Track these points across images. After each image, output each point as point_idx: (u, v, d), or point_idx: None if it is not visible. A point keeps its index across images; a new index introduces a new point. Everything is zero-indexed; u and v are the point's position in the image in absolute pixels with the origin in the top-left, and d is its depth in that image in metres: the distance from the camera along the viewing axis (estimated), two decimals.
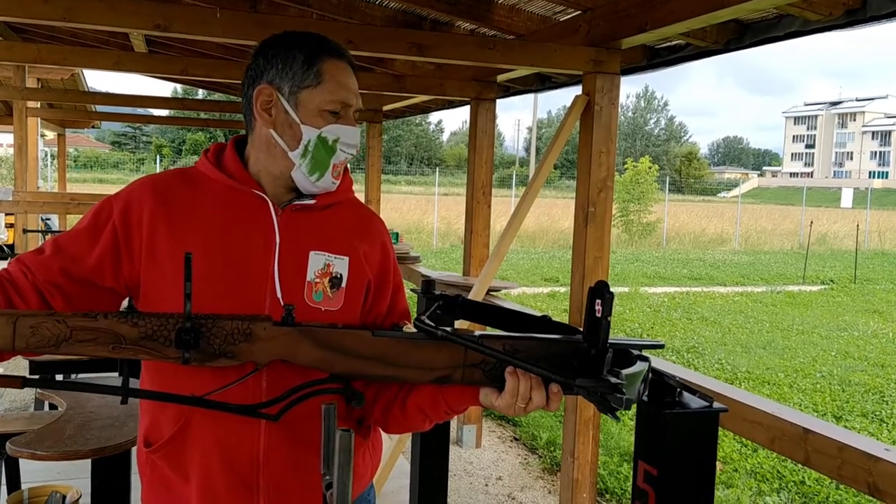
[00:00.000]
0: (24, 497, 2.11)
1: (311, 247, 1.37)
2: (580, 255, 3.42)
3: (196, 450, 1.32)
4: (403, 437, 3.58)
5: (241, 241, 1.35)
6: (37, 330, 1.09)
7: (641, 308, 11.34)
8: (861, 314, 11.56)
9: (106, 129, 56.59)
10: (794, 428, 2.03)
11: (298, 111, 1.36)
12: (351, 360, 1.17)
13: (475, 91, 4.82)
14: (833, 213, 33.48)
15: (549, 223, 23.42)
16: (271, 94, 1.37)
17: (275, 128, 1.37)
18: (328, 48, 1.39)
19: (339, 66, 1.38)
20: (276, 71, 1.37)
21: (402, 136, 69.88)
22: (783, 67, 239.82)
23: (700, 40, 3.21)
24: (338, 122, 1.38)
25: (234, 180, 1.39)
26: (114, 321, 1.10)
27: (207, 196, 1.38)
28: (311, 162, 1.36)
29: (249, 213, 1.37)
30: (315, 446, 1.35)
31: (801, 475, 4.94)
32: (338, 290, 1.37)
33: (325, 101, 1.36)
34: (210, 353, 1.12)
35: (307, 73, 1.36)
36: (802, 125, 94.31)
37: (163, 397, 1.23)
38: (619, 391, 1.05)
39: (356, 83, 1.42)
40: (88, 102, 9.60)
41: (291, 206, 1.39)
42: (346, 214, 1.46)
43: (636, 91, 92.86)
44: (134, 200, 1.34)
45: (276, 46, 1.39)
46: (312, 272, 1.36)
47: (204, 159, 1.43)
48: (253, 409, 1.17)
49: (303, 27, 3.10)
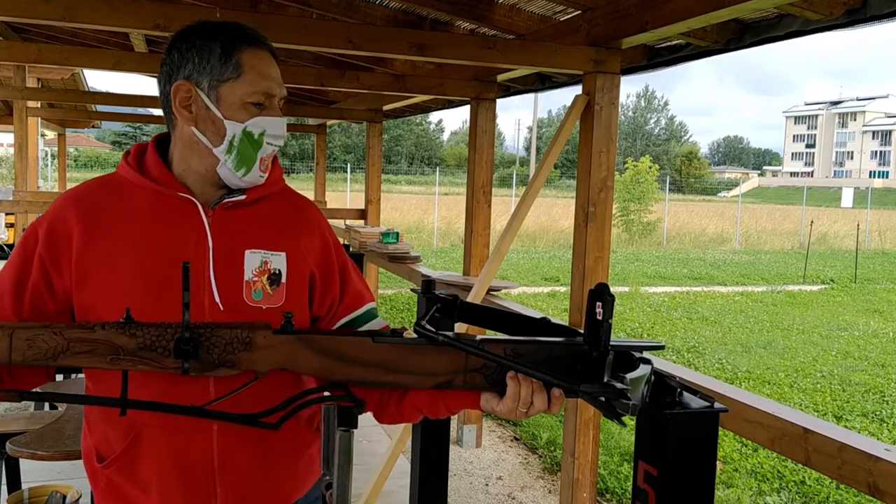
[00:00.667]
0: (24, 497, 2.11)
1: (246, 245, 1.34)
2: (580, 255, 3.42)
3: (150, 462, 1.31)
4: (403, 436, 3.58)
5: (172, 247, 1.30)
6: (33, 342, 1.08)
7: (642, 308, 11.34)
8: (861, 314, 11.55)
9: (106, 128, 56.61)
10: (795, 428, 2.03)
11: (220, 106, 1.31)
12: (351, 366, 1.16)
13: (475, 91, 4.82)
14: (833, 213, 33.46)
15: (549, 223, 23.42)
16: (190, 90, 1.31)
17: (196, 125, 1.32)
18: (246, 37, 1.33)
19: (259, 56, 1.33)
20: (193, 65, 1.31)
21: (403, 136, 69.85)
22: (784, 67, 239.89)
23: (700, 40, 3.21)
24: (262, 113, 1.32)
25: (159, 184, 1.33)
26: (111, 332, 1.09)
27: (133, 204, 1.33)
28: (237, 157, 1.32)
29: (178, 218, 1.33)
30: (274, 447, 1.36)
31: (801, 475, 4.94)
32: (278, 287, 1.34)
33: (247, 94, 1.31)
34: (209, 362, 1.11)
35: (226, 65, 1.30)
36: (803, 125, 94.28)
37: (163, 408, 1.20)
38: (625, 397, 1.05)
39: (278, 71, 1.37)
40: (89, 102, 9.61)
41: (222, 205, 1.35)
42: (280, 206, 1.42)
43: (636, 90, 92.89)
44: (58, 222, 1.30)
45: (191, 39, 1.32)
46: (250, 271, 1.33)
47: (125, 164, 1.37)
48: (254, 419, 1.15)
49: (302, 27, 3.11)
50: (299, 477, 1.43)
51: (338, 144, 56.28)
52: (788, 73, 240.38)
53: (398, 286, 11.60)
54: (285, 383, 1.27)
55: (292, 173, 42.08)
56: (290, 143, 57.29)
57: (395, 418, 1.38)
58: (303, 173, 39.43)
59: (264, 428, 1.16)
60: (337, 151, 54.34)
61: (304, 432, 1.42)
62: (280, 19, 3.36)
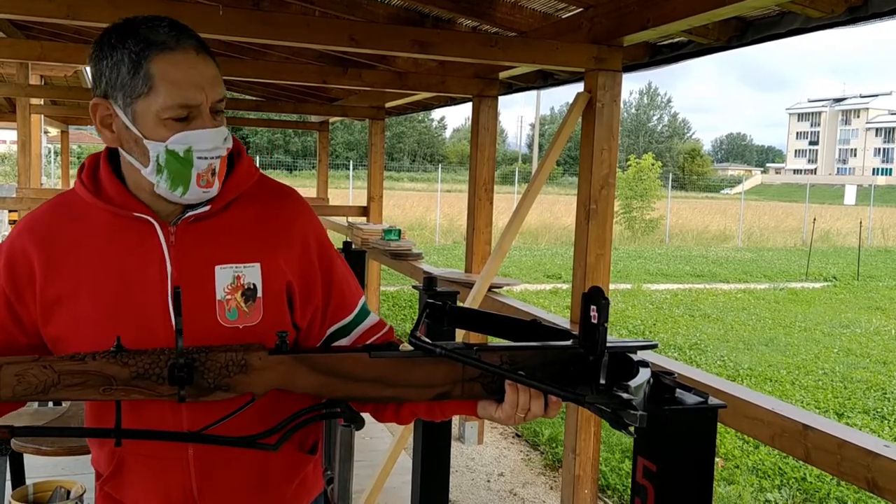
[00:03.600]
0: (29, 492, 2.13)
1: (215, 261, 1.24)
2: (582, 252, 3.43)
3: (134, 487, 1.30)
4: (405, 433, 3.59)
5: (133, 272, 1.23)
6: (23, 378, 1.05)
7: (644, 305, 11.34)
8: (864, 311, 11.55)
9: None
10: (794, 424, 2.04)
11: (138, 124, 1.18)
12: (349, 383, 1.14)
13: (477, 88, 4.83)
14: (836, 210, 33.41)
15: (551, 220, 23.41)
16: (108, 108, 1.20)
17: (121, 145, 1.22)
18: (156, 41, 1.16)
19: (174, 61, 1.16)
20: (107, 80, 1.19)
21: (405, 133, 69.84)
22: (787, 64, 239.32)
23: (702, 37, 3.21)
24: (188, 126, 1.18)
25: (115, 206, 1.24)
26: (102, 362, 1.06)
27: (91, 228, 1.25)
28: (170, 177, 1.19)
29: (137, 240, 1.24)
30: (262, 473, 1.32)
31: (802, 472, 4.95)
32: (253, 303, 1.24)
33: (162, 109, 1.16)
34: (205, 387, 1.08)
35: (135, 78, 1.16)
36: (806, 122, 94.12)
37: (159, 436, 1.18)
38: (632, 407, 1.04)
39: (206, 70, 1.19)
40: (91, 99, 9.61)
41: (185, 220, 1.25)
42: (252, 209, 1.30)
43: (639, 87, 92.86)
44: (17, 255, 1.24)
45: (103, 48, 1.19)
46: (221, 289, 1.23)
47: (79, 184, 1.27)
48: (251, 441, 1.12)
49: (305, 25, 3.12)
50: (288, 500, 1.38)
51: (340, 141, 56.28)
52: (791, 70, 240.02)
53: (400, 283, 11.61)
54: (282, 403, 1.21)
55: (294, 170, 42.11)
56: (292, 140, 57.32)
57: (391, 420, 1.36)
58: (305, 170, 39.44)
59: (263, 450, 1.12)
60: (339, 148, 54.34)
61: (294, 455, 1.37)
62: (283, 17, 3.37)
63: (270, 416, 1.18)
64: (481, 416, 1.23)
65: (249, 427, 1.15)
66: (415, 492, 3.21)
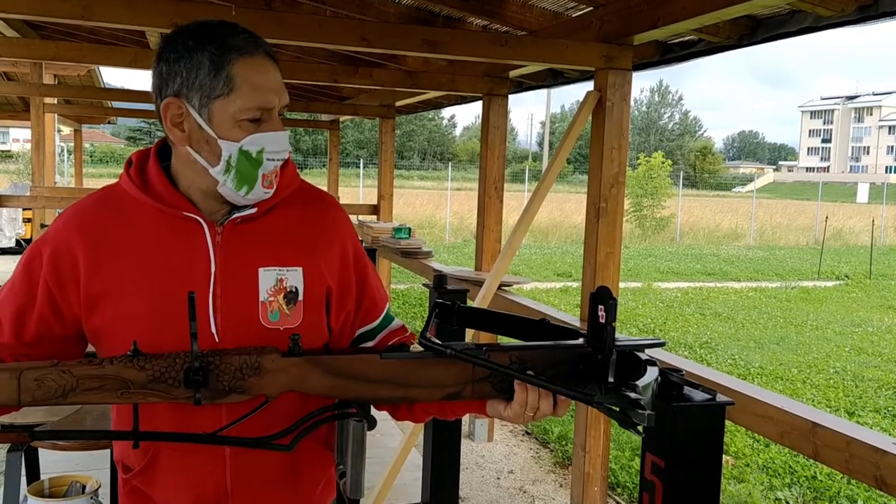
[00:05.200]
0: (44, 486, 2.16)
1: (259, 263, 1.27)
2: (592, 251, 3.44)
3: (167, 481, 1.31)
4: (416, 430, 3.61)
5: (181, 272, 1.25)
6: (42, 382, 1.06)
7: (654, 303, 11.31)
8: (876, 310, 11.48)
9: (122, 124, 56.93)
10: (803, 422, 2.04)
11: (213, 124, 1.21)
12: (361, 384, 1.15)
13: (487, 87, 4.84)
14: (849, 209, 33.19)
15: (561, 218, 23.37)
16: (180, 108, 1.22)
17: (190, 144, 1.24)
18: (236, 46, 1.21)
19: (253, 65, 1.21)
20: (182, 80, 1.21)
21: (415, 132, 69.84)
22: (799, 62, 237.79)
23: (713, 36, 3.22)
24: (260, 128, 1.23)
25: (163, 203, 1.26)
26: (120, 366, 1.07)
27: (138, 224, 1.26)
28: (237, 177, 1.23)
29: (184, 238, 1.26)
30: (291, 471, 1.35)
31: (812, 470, 4.94)
32: (295, 306, 1.28)
33: (241, 111, 1.20)
34: (220, 390, 1.10)
35: (216, 80, 1.19)
36: (819, 119, 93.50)
37: (175, 437, 1.19)
38: (641, 407, 1.05)
39: (277, 76, 1.25)
40: (104, 99, 9.69)
41: (231, 221, 1.27)
42: (295, 213, 1.33)
43: (650, 85, 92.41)
44: (62, 246, 1.25)
45: (178, 49, 1.22)
46: (265, 291, 1.26)
47: (126, 178, 1.29)
48: (266, 442, 1.14)
49: (316, 25, 3.14)
50: (316, 499, 1.41)
51: (350, 140, 56.34)
52: (804, 67, 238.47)
53: (410, 281, 11.63)
54: (302, 404, 1.22)
55: (305, 168, 42.20)
56: (302, 139, 57.40)
57: (406, 417, 1.38)
58: (316, 169, 39.51)
59: (277, 450, 1.14)
60: (350, 147, 54.40)
61: (321, 455, 1.39)
62: (294, 17, 3.39)
63: (290, 417, 1.19)
64: (490, 416, 1.24)
65: (268, 427, 1.16)
66: (425, 488, 3.23)
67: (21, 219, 12.80)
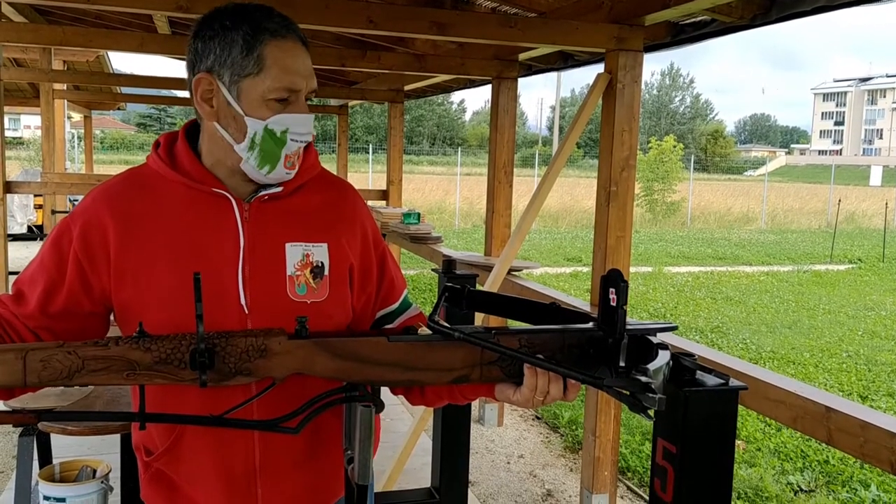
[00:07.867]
0: (55, 471, 2.16)
1: (286, 238, 1.30)
2: (602, 235, 3.42)
3: (193, 459, 1.31)
4: (426, 415, 3.61)
5: (209, 245, 1.28)
6: (48, 363, 1.06)
7: (665, 288, 11.27)
8: (889, 293, 11.40)
9: (131, 110, 57.14)
10: (817, 406, 2.02)
11: (241, 102, 1.25)
12: (368, 367, 1.14)
13: (496, 70, 4.80)
14: (862, 192, 32.94)
15: (572, 202, 23.30)
16: (211, 84, 1.26)
17: (218, 120, 1.28)
18: (269, 28, 1.25)
19: (284, 48, 1.25)
20: (216, 57, 1.25)
21: (424, 116, 69.64)
22: (810, 43, 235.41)
23: (726, 16, 3.17)
24: (286, 109, 1.26)
25: (192, 180, 1.30)
26: (125, 348, 1.07)
27: (166, 201, 1.30)
28: (260, 155, 1.26)
29: (213, 214, 1.29)
30: (318, 449, 1.36)
31: (824, 454, 4.92)
32: (321, 280, 1.31)
33: (269, 90, 1.24)
34: (226, 372, 1.09)
35: (247, 59, 1.23)
36: (831, 102, 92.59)
37: (181, 419, 1.20)
38: (651, 391, 1.04)
39: (307, 61, 1.29)
40: (114, 84, 9.69)
41: (259, 198, 1.31)
42: (319, 195, 1.38)
43: (661, 68, 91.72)
44: (92, 221, 1.27)
45: (214, 27, 1.26)
46: (292, 265, 1.29)
47: (155, 157, 1.33)
48: (273, 424, 1.14)
49: (323, 7, 3.11)
50: (334, 471, 1.41)
51: (359, 125, 56.28)
52: (816, 49, 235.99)
53: (420, 267, 11.63)
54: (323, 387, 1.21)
55: None
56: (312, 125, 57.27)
57: (419, 401, 1.39)
58: (325, 154, 39.48)
59: (284, 433, 1.14)
60: (359, 132, 54.33)
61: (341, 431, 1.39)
62: (301, 0, 3.36)
63: (298, 399, 1.18)
64: (499, 400, 1.23)
65: (286, 409, 1.16)
66: (435, 473, 3.23)
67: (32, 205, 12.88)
